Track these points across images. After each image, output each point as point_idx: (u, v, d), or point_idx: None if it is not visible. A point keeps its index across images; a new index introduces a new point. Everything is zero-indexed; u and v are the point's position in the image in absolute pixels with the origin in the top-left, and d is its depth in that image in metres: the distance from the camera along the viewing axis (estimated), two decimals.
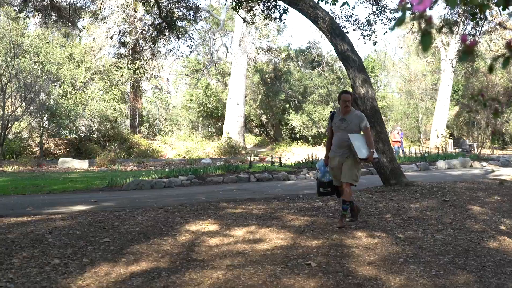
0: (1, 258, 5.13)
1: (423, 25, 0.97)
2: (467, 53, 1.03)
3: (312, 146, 36.29)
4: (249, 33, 33.00)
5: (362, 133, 7.24)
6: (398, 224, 7.27)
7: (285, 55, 38.71)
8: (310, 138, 37.57)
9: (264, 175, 14.62)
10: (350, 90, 7.43)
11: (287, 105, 38.41)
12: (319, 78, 38.11)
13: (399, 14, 0.98)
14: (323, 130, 39.91)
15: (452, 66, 31.86)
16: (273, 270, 4.89)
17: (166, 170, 15.72)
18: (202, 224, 7.05)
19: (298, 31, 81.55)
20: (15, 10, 24.64)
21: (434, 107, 38.14)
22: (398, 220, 7.53)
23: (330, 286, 4.45)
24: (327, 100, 38.24)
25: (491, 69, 1.14)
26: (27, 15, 17.99)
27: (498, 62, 1.11)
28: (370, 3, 12.31)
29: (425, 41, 0.98)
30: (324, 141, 37.59)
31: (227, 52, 44.61)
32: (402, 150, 25.60)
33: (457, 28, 20.53)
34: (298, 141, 37.06)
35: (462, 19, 16.89)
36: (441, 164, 18.98)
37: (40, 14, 17.23)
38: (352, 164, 7.00)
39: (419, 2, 0.92)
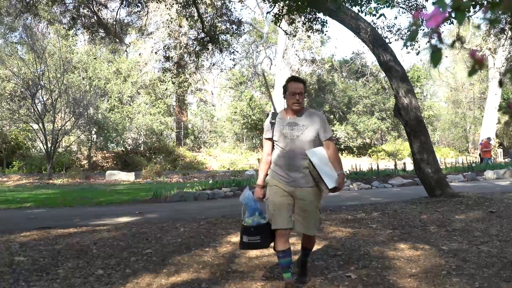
0: (47, 268, 5.29)
1: (433, 41, 0.99)
2: (477, 68, 1.03)
3: (357, 157, 35.99)
4: (292, 45, 33.07)
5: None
6: (442, 235, 7.11)
7: (329, 66, 38.65)
8: (355, 148, 37.36)
9: None
10: (302, 78, 4.81)
11: (332, 116, 38.27)
12: (363, 89, 37.89)
13: (412, 29, 1.00)
14: (367, 140, 39.52)
15: (500, 74, 31.09)
16: (313, 281, 4.88)
17: (210, 182, 15.87)
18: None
19: (342, 41, 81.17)
20: (64, 28, 25.45)
21: (482, 116, 37.30)
22: (443, 232, 7.37)
23: None
24: (372, 111, 37.93)
25: (501, 83, 1.13)
26: (75, 32, 18.58)
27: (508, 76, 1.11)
28: (411, 14, 12.23)
29: (435, 57, 1.00)
30: (369, 152, 37.26)
31: (271, 64, 44.82)
32: (486, 160, 24.83)
33: (505, 35, 20.08)
34: (343, 152, 36.84)
35: (510, 26, 16.51)
36: (489, 174, 18.51)
37: (88, 31, 17.73)
38: (315, 201, 4.52)
39: (430, 19, 0.94)
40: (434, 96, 52.17)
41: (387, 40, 11.26)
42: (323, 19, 10.82)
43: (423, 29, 1.01)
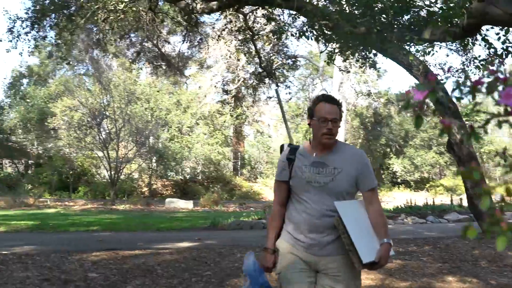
0: (118, 284, 5.84)
1: (417, 110, 1.38)
2: (445, 132, 1.41)
3: (414, 191, 35.58)
4: (348, 78, 33.40)
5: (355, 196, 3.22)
6: (492, 271, 7.25)
7: (385, 99, 38.65)
8: (412, 183, 36.94)
9: None
10: (337, 99, 3.13)
11: (388, 149, 38.13)
12: None
13: (403, 101, 1.40)
14: (425, 175, 39.02)
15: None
16: None
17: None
18: None
19: (398, 74, 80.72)
20: (129, 60, 26.73)
21: None
22: (493, 267, 7.49)
23: None
24: (429, 145, 37.58)
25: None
26: (140, 67, 19.63)
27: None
28: (459, 54, 12.55)
29: (418, 122, 1.39)
30: (427, 186, 36.75)
31: None
32: None
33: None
34: (400, 185, 36.53)
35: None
36: None
37: (151, 65, 18.73)
38: (353, 278, 3.00)
39: (417, 94, 1.34)
40: (495, 130, 51.11)
41: (439, 77, 11.53)
42: (375, 59, 11.20)
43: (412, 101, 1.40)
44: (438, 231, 12.69)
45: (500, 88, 1.32)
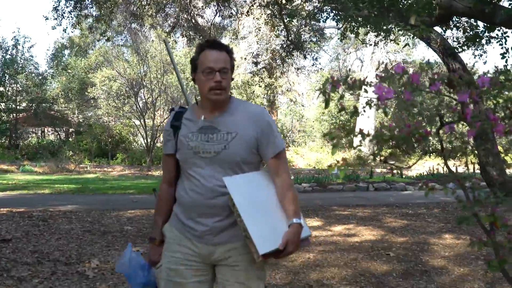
0: (148, 235, 6.78)
1: (327, 98, 2.02)
2: (341, 110, 2.05)
3: (440, 158, 35.72)
4: (382, 47, 33.54)
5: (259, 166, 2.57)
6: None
7: (418, 68, 38.65)
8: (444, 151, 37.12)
9: (382, 185, 15.40)
10: (225, 44, 2.46)
11: (421, 118, 38.25)
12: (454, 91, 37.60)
13: (320, 90, 2.02)
14: (458, 143, 39.02)
15: None
16: (356, 256, 5.98)
17: (291, 178, 17.05)
18: (308, 220, 8.27)
19: None
20: (164, 32, 27.53)
21: None
22: (493, 228, 8.11)
23: (399, 270, 5.44)
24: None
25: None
26: (174, 39, 20.41)
27: None
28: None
29: (326, 104, 2.03)
30: (458, 155, 36.82)
31: (362, 65, 45.37)
32: None
33: None
34: (431, 154, 36.67)
35: None
36: None
37: (185, 37, 19.49)
38: (254, 268, 2.36)
39: (379, 92, 1.93)
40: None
41: (456, 50, 11.95)
42: (401, 32, 11.63)
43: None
44: (454, 197, 13.22)
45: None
